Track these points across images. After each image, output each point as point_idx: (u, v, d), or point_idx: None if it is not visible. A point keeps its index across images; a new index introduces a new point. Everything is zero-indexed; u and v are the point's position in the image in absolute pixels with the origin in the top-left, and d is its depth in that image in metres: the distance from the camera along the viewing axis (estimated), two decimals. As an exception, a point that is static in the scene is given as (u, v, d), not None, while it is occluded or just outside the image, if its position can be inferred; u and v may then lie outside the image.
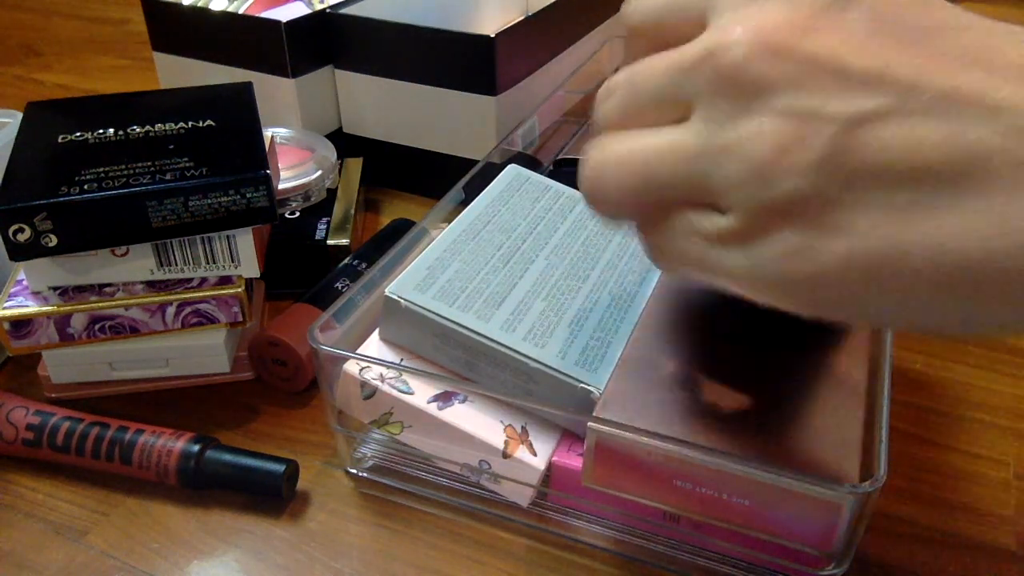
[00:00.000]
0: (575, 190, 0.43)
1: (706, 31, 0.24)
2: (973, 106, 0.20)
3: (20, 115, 0.45)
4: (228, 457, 0.37)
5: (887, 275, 0.21)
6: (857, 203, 0.21)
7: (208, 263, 0.40)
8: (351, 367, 0.35)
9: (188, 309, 0.40)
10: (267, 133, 0.44)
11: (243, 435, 0.41)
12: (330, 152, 0.57)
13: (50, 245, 0.38)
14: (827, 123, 0.21)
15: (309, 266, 0.50)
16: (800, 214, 0.22)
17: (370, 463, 0.39)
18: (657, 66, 0.25)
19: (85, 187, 0.37)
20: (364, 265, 0.47)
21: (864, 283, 0.22)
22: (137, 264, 0.40)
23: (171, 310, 0.40)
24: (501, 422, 0.34)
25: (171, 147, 0.41)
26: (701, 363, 0.34)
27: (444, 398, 0.35)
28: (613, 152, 0.26)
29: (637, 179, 0.25)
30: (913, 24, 0.22)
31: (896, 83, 0.21)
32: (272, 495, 0.37)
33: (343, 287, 0.45)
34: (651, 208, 0.26)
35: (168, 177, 0.38)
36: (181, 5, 0.61)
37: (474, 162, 0.48)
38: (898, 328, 0.23)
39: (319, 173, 0.54)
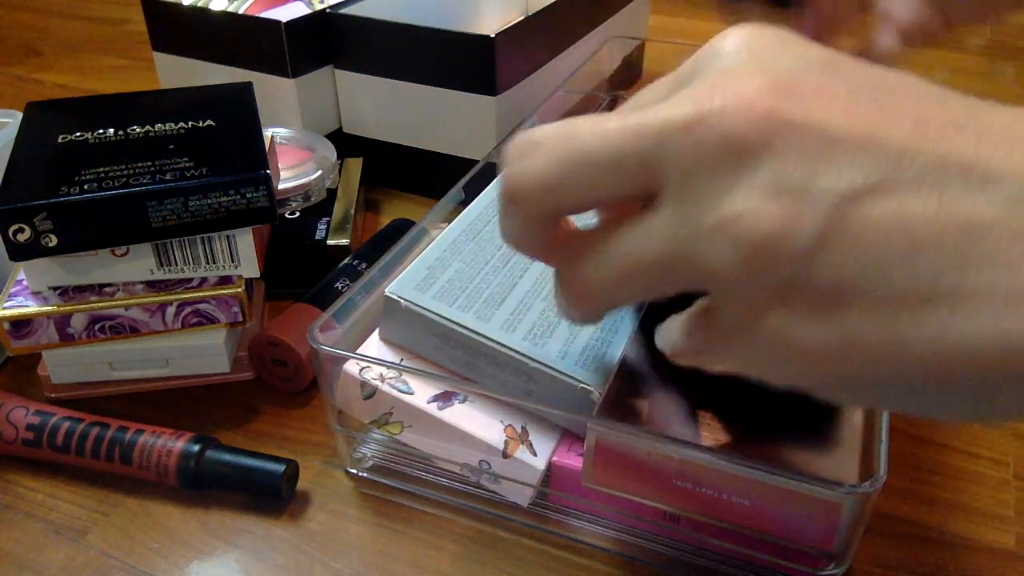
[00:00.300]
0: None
1: (672, 99, 0.22)
2: (965, 174, 0.19)
3: (20, 115, 0.45)
4: (228, 457, 0.37)
5: (887, 364, 0.20)
6: (853, 286, 0.19)
7: (208, 263, 0.40)
8: (351, 367, 0.35)
9: (188, 309, 0.40)
10: (267, 133, 0.44)
11: (243, 435, 0.41)
12: (330, 152, 0.57)
13: (50, 245, 0.38)
14: (818, 201, 0.19)
15: (309, 266, 0.50)
16: (796, 298, 0.20)
17: (370, 463, 0.39)
18: (608, 128, 0.22)
19: (85, 187, 0.37)
20: (364, 265, 0.47)
21: (864, 371, 0.20)
22: (137, 264, 0.40)
23: (171, 310, 0.40)
24: (501, 422, 0.34)
25: (171, 147, 0.41)
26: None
27: (444, 398, 0.35)
28: (587, 261, 0.23)
29: (619, 272, 0.23)
30: (894, 92, 0.21)
31: (885, 151, 0.19)
32: (272, 495, 0.37)
33: (343, 287, 0.45)
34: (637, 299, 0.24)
35: (168, 177, 0.38)
36: (181, 5, 0.61)
37: (474, 162, 0.48)
38: (906, 413, 0.22)
39: (319, 173, 0.54)
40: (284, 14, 0.58)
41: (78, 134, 0.42)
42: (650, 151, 0.21)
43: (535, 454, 0.34)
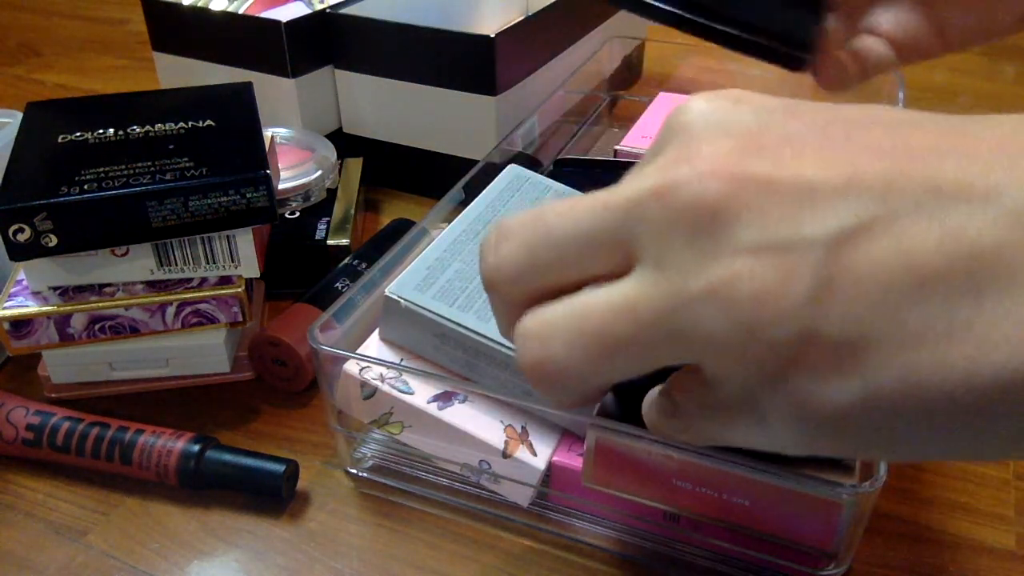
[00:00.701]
0: (576, 191, 0.43)
1: (639, 174, 0.21)
2: (962, 197, 0.18)
3: (20, 115, 0.45)
4: (228, 457, 0.37)
5: (915, 412, 0.18)
6: (865, 335, 0.18)
7: (208, 263, 0.40)
8: (351, 367, 0.35)
9: (188, 309, 0.40)
10: (267, 133, 0.44)
11: (243, 435, 0.41)
12: (330, 152, 0.57)
13: (50, 245, 0.38)
14: (807, 250, 0.18)
15: (309, 266, 0.50)
16: (806, 359, 0.19)
17: (370, 463, 0.39)
18: (577, 208, 0.22)
19: (85, 187, 0.37)
20: (364, 265, 0.47)
21: (892, 424, 0.19)
22: (137, 264, 0.40)
23: (171, 310, 0.40)
24: (501, 422, 0.34)
25: (171, 147, 0.41)
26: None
27: (444, 398, 0.35)
28: (553, 322, 0.22)
29: (595, 350, 0.21)
30: (865, 127, 0.20)
31: (870, 188, 0.18)
32: (272, 495, 0.37)
33: (343, 287, 0.45)
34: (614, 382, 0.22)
35: (168, 177, 0.38)
36: (181, 5, 0.61)
37: (474, 162, 0.48)
38: (942, 459, 0.20)
39: (319, 173, 0.54)
40: (284, 14, 0.58)
41: (78, 134, 0.42)
42: (620, 224, 0.21)
43: (535, 454, 0.34)
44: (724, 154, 0.20)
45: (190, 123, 0.43)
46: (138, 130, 0.42)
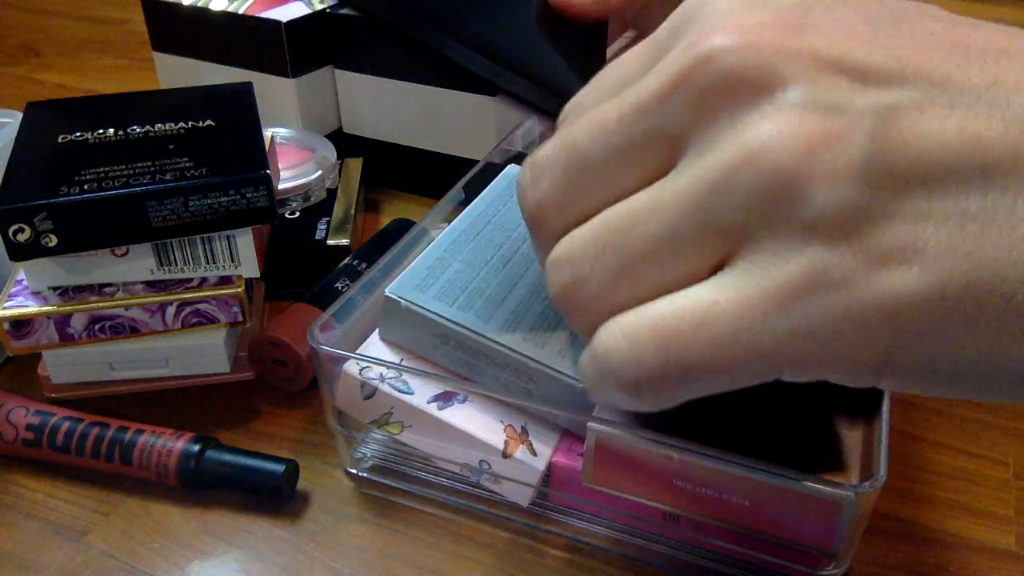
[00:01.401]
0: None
1: (664, 60, 0.19)
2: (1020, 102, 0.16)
3: (20, 115, 0.45)
4: (228, 457, 0.37)
5: (975, 309, 0.16)
6: (921, 216, 0.16)
7: (208, 263, 0.40)
8: (351, 367, 0.35)
9: (188, 309, 0.40)
10: (267, 133, 0.44)
11: (243, 435, 0.41)
12: (330, 152, 0.57)
13: (50, 245, 0.38)
14: (861, 115, 0.17)
15: (309, 266, 0.50)
16: (850, 236, 0.17)
17: (370, 463, 0.39)
18: (606, 122, 0.20)
19: (85, 187, 0.37)
20: (364, 265, 0.47)
21: (945, 326, 0.17)
22: (137, 264, 0.40)
23: (171, 310, 0.40)
24: (501, 422, 0.34)
25: (171, 147, 0.41)
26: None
27: (444, 398, 0.35)
28: (581, 241, 0.20)
29: (620, 259, 0.19)
30: (920, 21, 0.18)
31: (928, 76, 0.17)
32: (272, 495, 0.37)
33: (343, 287, 0.45)
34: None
35: (168, 177, 0.38)
36: (181, 5, 0.61)
37: (474, 162, 0.48)
38: (972, 391, 0.18)
39: (319, 173, 0.54)
40: (284, 14, 0.58)
41: (78, 134, 0.42)
42: (656, 124, 0.19)
43: (535, 454, 0.34)
44: (763, 26, 0.18)
45: (190, 123, 0.43)
46: (138, 130, 0.42)
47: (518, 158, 0.50)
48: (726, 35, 0.18)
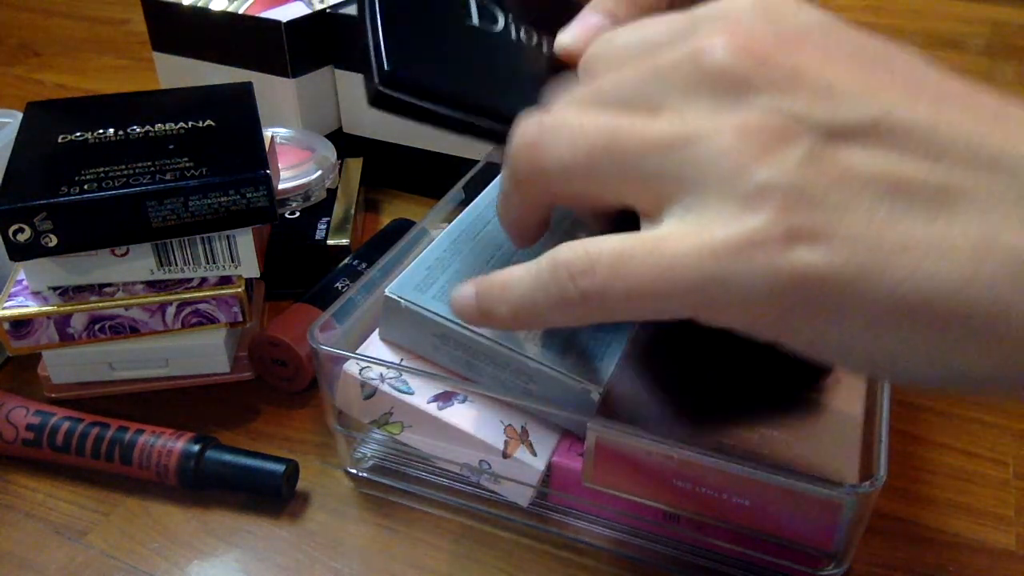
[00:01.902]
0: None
1: (682, 42, 0.24)
2: (956, 141, 0.20)
3: (20, 115, 0.45)
4: (228, 457, 0.37)
5: (862, 294, 0.20)
6: (838, 208, 0.20)
7: (208, 263, 0.40)
8: (351, 367, 0.35)
9: (188, 309, 0.40)
10: (267, 133, 0.44)
11: (243, 435, 0.41)
12: (330, 152, 0.57)
13: (50, 245, 0.38)
14: (814, 127, 0.21)
15: (309, 266, 0.50)
16: (779, 212, 0.21)
17: (370, 463, 0.39)
18: (630, 74, 0.24)
19: (85, 187, 0.37)
20: (364, 265, 0.47)
21: (837, 303, 0.21)
22: (137, 264, 0.40)
23: (171, 310, 0.40)
24: (501, 422, 0.34)
25: (171, 147, 0.41)
26: (701, 363, 0.34)
27: (444, 398, 0.35)
28: (569, 119, 0.24)
29: (590, 154, 0.24)
30: (890, 58, 0.22)
31: (879, 104, 0.21)
32: (272, 495, 0.37)
33: (343, 287, 0.45)
34: (587, 200, 0.25)
35: (168, 177, 0.38)
36: (181, 5, 0.61)
37: (474, 162, 0.48)
38: (865, 369, 0.23)
39: (319, 173, 0.54)
40: (284, 14, 0.58)
41: (78, 134, 0.42)
42: (658, 86, 0.24)
43: (535, 454, 0.34)
44: (762, 36, 0.22)
45: (190, 123, 0.43)
46: (138, 130, 0.42)
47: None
48: (730, 37, 0.22)
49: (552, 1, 0.35)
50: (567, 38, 0.31)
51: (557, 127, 0.25)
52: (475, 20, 0.34)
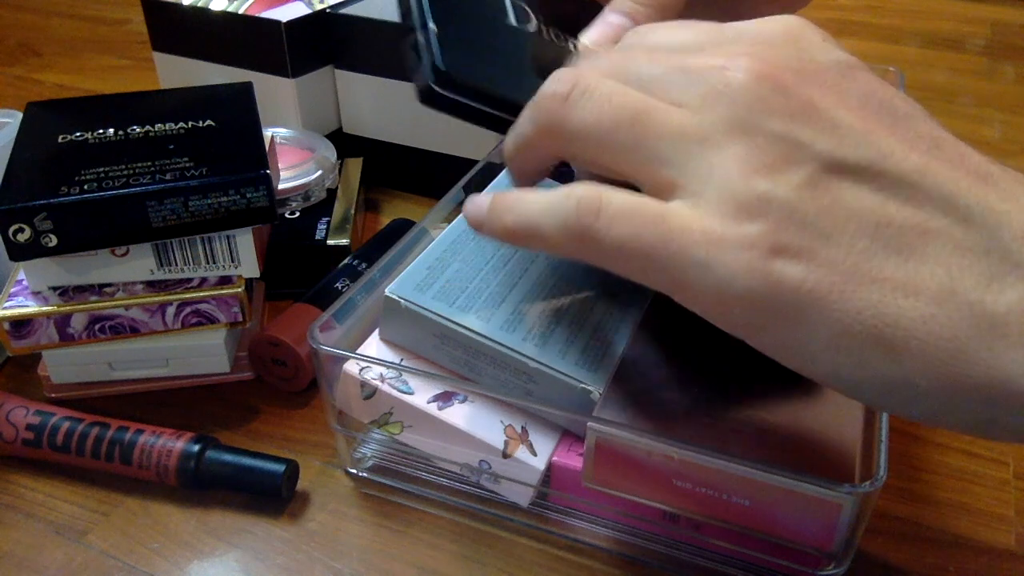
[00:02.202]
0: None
1: (712, 52, 0.25)
2: (940, 191, 0.22)
3: (20, 115, 0.45)
4: (228, 457, 0.37)
5: (828, 312, 0.22)
6: (824, 233, 0.22)
7: (208, 263, 0.40)
8: (351, 367, 0.35)
9: (188, 309, 0.40)
10: (267, 133, 0.44)
11: (243, 435, 0.41)
12: (330, 152, 0.57)
13: (50, 245, 0.38)
14: (816, 156, 0.23)
15: (309, 266, 0.50)
16: (769, 225, 0.23)
17: (370, 463, 0.39)
18: (660, 64, 0.26)
19: (85, 187, 0.37)
20: (364, 265, 0.47)
21: (805, 314, 0.22)
22: (137, 264, 0.40)
23: (171, 310, 0.40)
24: (501, 422, 0.34)
25: (171, 147, 0.41)
26: (701, 363, 0.34)
27: (444, 398, 0.35)
28: (602, 87, 0.25)
29: (614, 124, 0.25)
30: (895, 108, 0.24)
31: (878, 148, 0.23)
32: (272, 495, 0.37)
33: (343, 287, 0.45)
34: (596, 166, 0.26)
35: (168, 177, 0.38)
36: (181, 5, 0.61)
37: (474, 162, 0.48)
38: (831, 384, 0.24)
39: (319, 173, 0.54)
40: (284, 14, 0.58)
41: (78, 134, 0.42)
42: (683, 84, 0.25)
43: (535, 454, 0.34)
44: (785, 67, 0.24)
45: (190, 123, 0.43)
46: (138, 130, 0.42)
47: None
48: (754, 61, 0.24)
49: (576, 3, 0.35)
50: (589, 38, 0.32)
51: (590, 90, 0.25)
52: (513, 20, 0.35)
